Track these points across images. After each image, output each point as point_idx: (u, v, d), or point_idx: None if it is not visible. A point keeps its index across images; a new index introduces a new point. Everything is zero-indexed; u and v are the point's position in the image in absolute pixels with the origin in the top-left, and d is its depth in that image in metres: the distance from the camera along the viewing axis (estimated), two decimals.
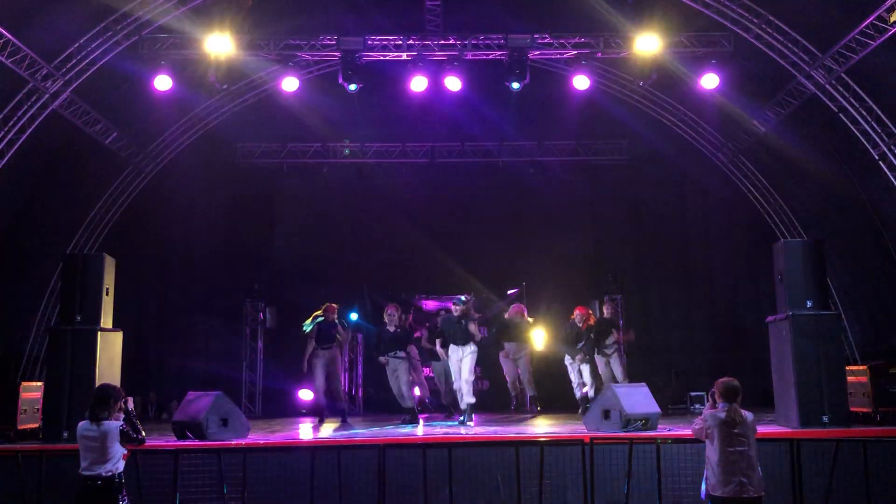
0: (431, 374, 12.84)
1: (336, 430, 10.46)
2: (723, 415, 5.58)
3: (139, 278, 15.26)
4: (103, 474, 5.47)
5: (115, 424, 5.55)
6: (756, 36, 12.00)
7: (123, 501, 5.59)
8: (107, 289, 9.44)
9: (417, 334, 12.13)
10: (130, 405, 5.75)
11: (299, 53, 12.14)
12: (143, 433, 5.72)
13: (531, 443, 7.86)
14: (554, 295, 14.30)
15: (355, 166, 15.52)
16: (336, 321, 11.18)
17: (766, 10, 11.86)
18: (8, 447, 8.38)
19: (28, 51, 10.82)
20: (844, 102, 11.70)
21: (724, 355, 14.96)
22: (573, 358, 11.51)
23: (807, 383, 8.92)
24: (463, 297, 11.92)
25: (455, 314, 10.94)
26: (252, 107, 15.33)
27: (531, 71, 12.14)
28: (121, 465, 5.58)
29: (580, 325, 11.49)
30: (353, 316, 14.45)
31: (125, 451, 5.63)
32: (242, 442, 8.66)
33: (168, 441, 8.77)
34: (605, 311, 12.69)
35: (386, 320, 11.11)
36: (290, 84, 12.24)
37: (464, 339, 10.80)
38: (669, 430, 8.89)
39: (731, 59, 12.45)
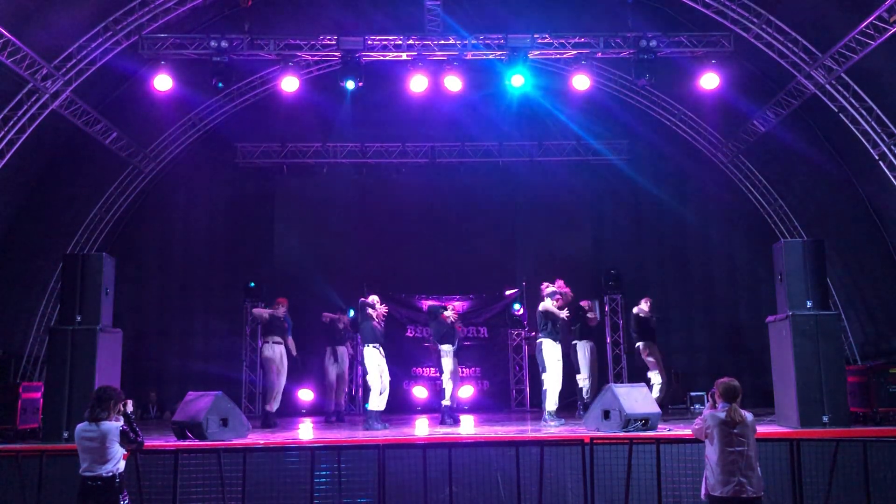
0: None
1: (336, 430, 10.47)
2: (722, 415, 5.58)
3: (139, 278, 15.29)
4: (103, 475, 5.47)
5: (115, 425, 5.55)
6: (756, 36, 12.00)
7: (124, 501, 5.59)
8: (107, 289, 9.43)
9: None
10: (130, 408, 5.75)
11: (299, 53, 12.12)
12: (142, 436, 5.73)
13: (531, 443, 7.86)
14: None
15: (355, 166, 15.51)
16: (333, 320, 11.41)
17: (766, 9, 11.85)
18: (8, 447, 8.37)
19: (28, 51, 10.81)
20: (844, 102, 11.69)
21: (723, 356, 14.98)
22: None
23: (807, 383, 8.92)
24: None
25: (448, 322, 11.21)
26: (252, 107, 15.34)
27: (531, 71, 12.12)
28: (121, 466, 5.58)
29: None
30: (351, 313, 14.43)
31: (125, 452, 5.64)
32: (242, 442, 8.66)
33: (168, 441, 8.77)
34: (645, 306, 12.22)
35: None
36: (289, 84, 12.22)
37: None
38: (669, 430, 8.90)
39: (731, 59, 12.44)
